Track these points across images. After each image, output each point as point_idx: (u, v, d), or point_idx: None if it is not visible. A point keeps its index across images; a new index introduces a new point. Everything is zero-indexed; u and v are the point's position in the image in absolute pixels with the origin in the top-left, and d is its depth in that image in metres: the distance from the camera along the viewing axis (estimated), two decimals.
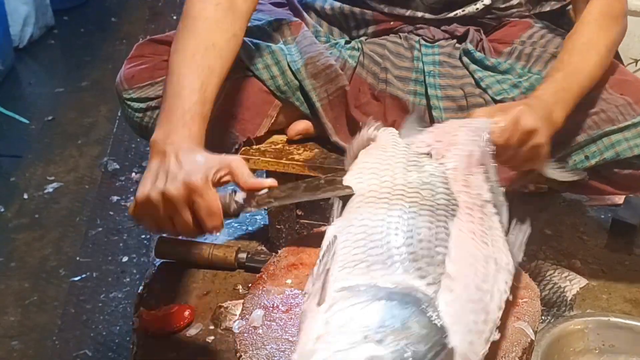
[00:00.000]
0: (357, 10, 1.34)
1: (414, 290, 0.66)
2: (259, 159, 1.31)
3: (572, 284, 1.33)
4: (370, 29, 1.35)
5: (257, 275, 0.96)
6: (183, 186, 0.87)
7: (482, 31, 1.33)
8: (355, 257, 0.71)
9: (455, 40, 1.33)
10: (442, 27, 1.33)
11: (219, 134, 1.30)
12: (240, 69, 1.28)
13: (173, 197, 0.87)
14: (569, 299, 1.29)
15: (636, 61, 1.82)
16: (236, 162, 0.93)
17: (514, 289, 0.92)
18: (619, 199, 1.62)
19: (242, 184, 0.92)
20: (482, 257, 0.76)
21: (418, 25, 1.33)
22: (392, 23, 1.34)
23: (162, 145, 0.93)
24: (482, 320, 0.69)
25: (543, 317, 1.22)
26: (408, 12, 1.32)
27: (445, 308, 0.66)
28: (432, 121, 1.28)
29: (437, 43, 1.32)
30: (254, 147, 1.33)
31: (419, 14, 1.32)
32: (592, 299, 1.35)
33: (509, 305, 0.81)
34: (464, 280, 0.72)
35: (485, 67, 1.29)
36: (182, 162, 0.90)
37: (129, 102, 1.28)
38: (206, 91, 1.02)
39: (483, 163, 0.90)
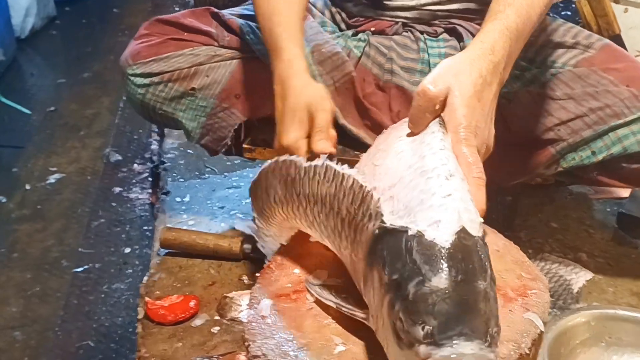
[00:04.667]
0: (342, 12, 1.35)
1: None
2: (264, 150, 1.31)
3: (578, 276, 1.33)
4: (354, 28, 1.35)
5: (265, 264, 0.96)
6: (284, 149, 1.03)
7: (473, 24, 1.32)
8: None
9: (454, 38, 1.31)
10: (430, 28, 1.32)
11: (223, 113, 1.32)
12: (248, 50, 1.29)
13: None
14: (574, 291, 1.29)
15: None
16: (319, 119, 1.02)
17: (524, 280, 0.92)
18: (625, 192, 1.62)
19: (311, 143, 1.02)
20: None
21: (405, 24, 1.32)
22: (373, 24, 1.33)
23: (273, 85, 1.09)
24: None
25: (549, 310, 1.21)
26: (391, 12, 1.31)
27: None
28: None
29: (440, 37, 1.31)
30: (260, 137, 1.32)
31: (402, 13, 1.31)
32: (598, 292, 1.35)
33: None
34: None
35: None
36: (282, 118, 1.05)
37: (132, 78, 1.29)
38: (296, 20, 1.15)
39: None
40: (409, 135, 0.92)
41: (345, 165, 0.82)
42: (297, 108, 1.04)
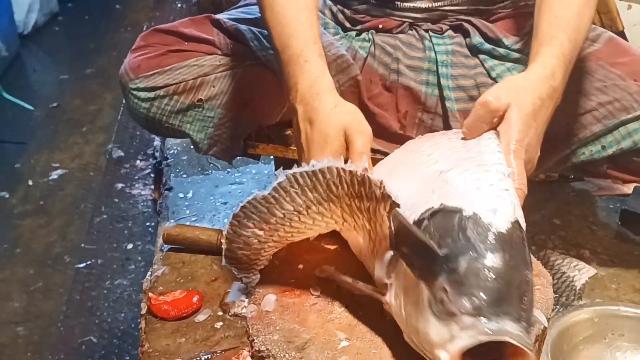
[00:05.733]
0: (346, 10, 1.33)
1: None
2: (267, 145, 1.30)
3: (581, 273, 1.33)
4: (358, 27, 1.33)
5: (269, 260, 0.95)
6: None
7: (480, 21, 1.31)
8: None
9: (460, 34, 1.31)
10: (435, 25, 1.31)
11: (231, 122, 1.30)
12: (253, 57, 1.26)
13: None
14: (577, 288, 1.28)
15: None
16: (358, 144, 0.92)
17: None
18: (628, 189, 1.62)
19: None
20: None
21: (412, 24, 1.31)
22: (380, 21, 1.32)
23: (293, 103, 1.00)
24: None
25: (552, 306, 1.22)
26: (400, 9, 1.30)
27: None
28: (444, 112, 1.27)
29: (446, 34, 1.31)
30: (263, 133, 1.32)
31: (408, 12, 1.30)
32: (601, 288, 1.35)
33: None
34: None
35: (495, 57, 1.27)
36: (311, 143, 0.95)
37: (135, 92, 1.26)
38: (313, 28, 1.05)
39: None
40: (462, 139, 0.95)
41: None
42: (331, 132, 0.93)
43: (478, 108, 0.93)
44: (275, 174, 0.79)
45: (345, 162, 0.90)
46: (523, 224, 0.79)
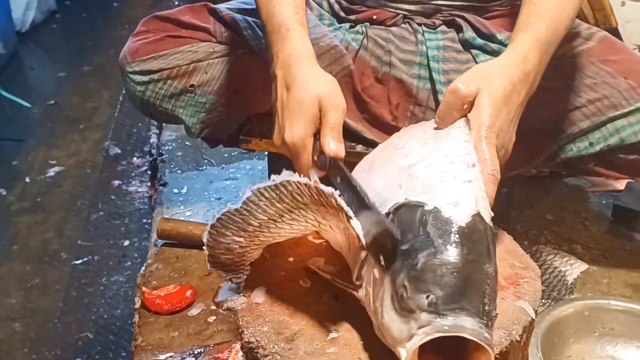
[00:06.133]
0: (343, 1, 1.34)
1: None
2: (260, 140, 1.31)
3: (573, 268, 1.33)
4: (353, 17, 1.34)
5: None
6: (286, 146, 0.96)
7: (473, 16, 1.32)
8: None
9: (453, 29, 1.32)
10: (429, 19, 1.32)
11: (223, 108, 1.32)
12: (246, 46, 1.28)
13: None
14: (569, 282, 1.29)
15: (639, 47, 1.81)
16: (331, 117, 0.93)
17: (516, 268, 0.93)
18: (621, 185, 1.63)
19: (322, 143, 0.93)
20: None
21: (406, 16, 1.32)
22: (375, 12, 1.33)
23: (273, 69, 1.00)
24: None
25: (543, 301, 1.22)
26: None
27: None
28: (437, 106, 1.28)
29: (439, 29, 1.32)
30: (256, 128, 1.33)
31: (404, 6, 1.31)
32: (593, 283, 1.36)
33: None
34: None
35: (487, 52, 1.28)
36: (286, 108, 0.96)
37: (131, 76, 1.29)
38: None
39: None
40: (435, 128, 0.94)
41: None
42: (306, 101, 0.94)
43: (448, 96, 0.91)
44: (242, 190, 0.79)
45: (318, 134, 0.93)
46: (487, 215, 0.78)
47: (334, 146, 0.91)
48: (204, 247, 0.85)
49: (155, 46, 1.28)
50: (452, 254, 0.72)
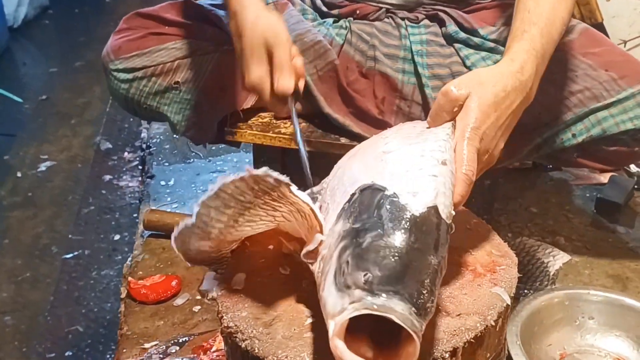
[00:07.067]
0: None
1: None
2: (245, 131, 1.32)
3: (555, 259, 1.35)
4: (335, 12, 1.35)
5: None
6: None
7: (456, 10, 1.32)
8: None
9: (436, 23, 1.33)
10: (412, 14, 1.32)
11: (208, 105, 1.32)
12: (229, 42, 1.28)
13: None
14: (551, 274, 1.30)
15: (625, 42, 1.83)
16: (277, 56, 1.02)
17: (493, 256, 0.94)
18: (604, 179, 1.64)
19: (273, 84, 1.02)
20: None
21: (388, 10, 1.33)
22: (357, 7, 1.34)
23: (230, 24, 1.08)
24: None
25: (525, 291, 1.24)
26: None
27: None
28: (424, 100, 1.29)
29: (422, 23, 1.33)
30: (241, 120, 1.34)
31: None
32: (575, 274, 1.37)
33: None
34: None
35: (470, 46, 1.29)
36: (243, 56, 1.04)
37: (115, 73, 1.29)
38: None
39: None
40: (426, 128, 0.94)
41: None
42: (254, 44, 1.03)
43: (440, 97, 0.92)
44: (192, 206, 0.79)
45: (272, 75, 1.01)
46: (444, 212, 0.77)
47: (283, 83, 1.01)
48: (177, 253, 0.85)
49: (138, 43, 1.28)
50: (398, 238, 0.72)
